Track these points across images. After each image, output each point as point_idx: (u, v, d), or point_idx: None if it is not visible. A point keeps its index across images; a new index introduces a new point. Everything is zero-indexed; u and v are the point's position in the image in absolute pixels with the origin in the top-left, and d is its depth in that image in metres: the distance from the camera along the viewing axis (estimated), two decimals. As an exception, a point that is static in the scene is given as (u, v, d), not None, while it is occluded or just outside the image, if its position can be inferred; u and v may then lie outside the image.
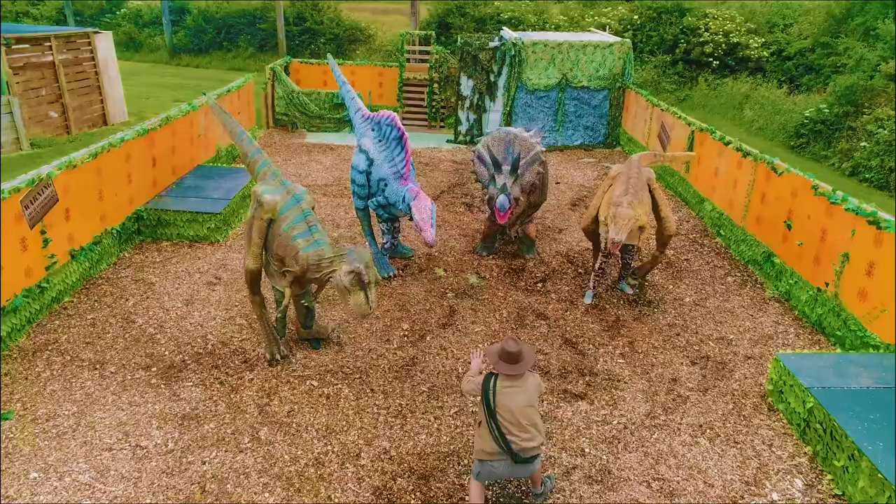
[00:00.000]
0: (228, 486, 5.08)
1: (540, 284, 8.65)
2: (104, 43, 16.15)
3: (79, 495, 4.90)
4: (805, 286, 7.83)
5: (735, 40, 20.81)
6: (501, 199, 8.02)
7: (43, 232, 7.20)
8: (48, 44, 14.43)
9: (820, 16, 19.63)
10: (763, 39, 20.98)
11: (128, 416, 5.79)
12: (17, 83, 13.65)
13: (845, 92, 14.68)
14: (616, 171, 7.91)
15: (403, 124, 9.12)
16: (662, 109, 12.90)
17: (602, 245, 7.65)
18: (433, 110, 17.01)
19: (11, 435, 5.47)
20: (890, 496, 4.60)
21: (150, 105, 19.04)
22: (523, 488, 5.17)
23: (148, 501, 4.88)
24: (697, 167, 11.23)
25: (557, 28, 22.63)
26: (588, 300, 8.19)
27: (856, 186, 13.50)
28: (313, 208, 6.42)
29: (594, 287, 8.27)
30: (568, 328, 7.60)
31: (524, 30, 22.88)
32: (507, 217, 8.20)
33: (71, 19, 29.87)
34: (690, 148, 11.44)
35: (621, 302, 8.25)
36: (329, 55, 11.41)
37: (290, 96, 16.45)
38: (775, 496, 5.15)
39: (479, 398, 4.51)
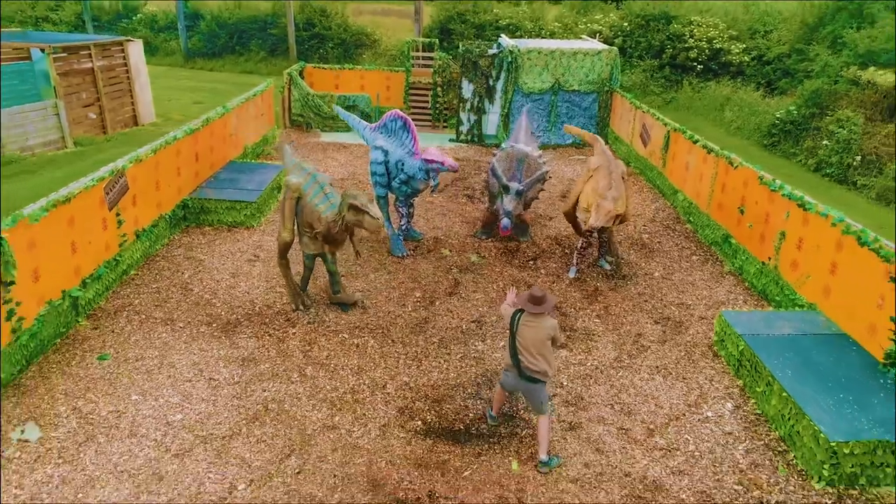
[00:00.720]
0: (285, 405, 6.55)
1: (531, 262, 10.12)
2: (135, 50, 17.63)
3: (173, 411, 6.38)
4: (753, 261, 9.31)
5: (718, 46, 22.30)
6: (505, 222, 9.37)
7: (118, 214, 8.67)
8: (88, 51, 15.90)
9: (796, 23, 21.11)
10: (744, 45, 22.47)
11: (199, 359, 7.26)
12: (62, 87, 15.11)
13: (811, 95, 16.16)
14: (596, 164, 9.36)
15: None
16: (644, 111, 14.37)
17: (583, 227, 9.14)
18: (437, 112, 18.48)
19: (111, 370, 6.94)
20: (791, 408, 6.07)
21: (172, 107, 20.53)
22: (515, 406, 6.65)
23: (225, 415, 6.36)
24: (672, 163, 12.71)
25: (552, 34, 24.11)
26: (572, 274, 9.66)
27: (819, 181, 14.97)
28: (331, 184, 8.03)
29: (577, 264, 9.74)
30: (554, 296, 9.06)
31: (521, 36, 24.39)
32: (509, 233, 9.65)
33: (89, 24, 31.35)
34: (666, 145, 12.92)
35: (600, 276, 9.72)
36: (336, 106, 12.94)
37: (306, 99, 17.92)
38: (709, 414, 6.63)
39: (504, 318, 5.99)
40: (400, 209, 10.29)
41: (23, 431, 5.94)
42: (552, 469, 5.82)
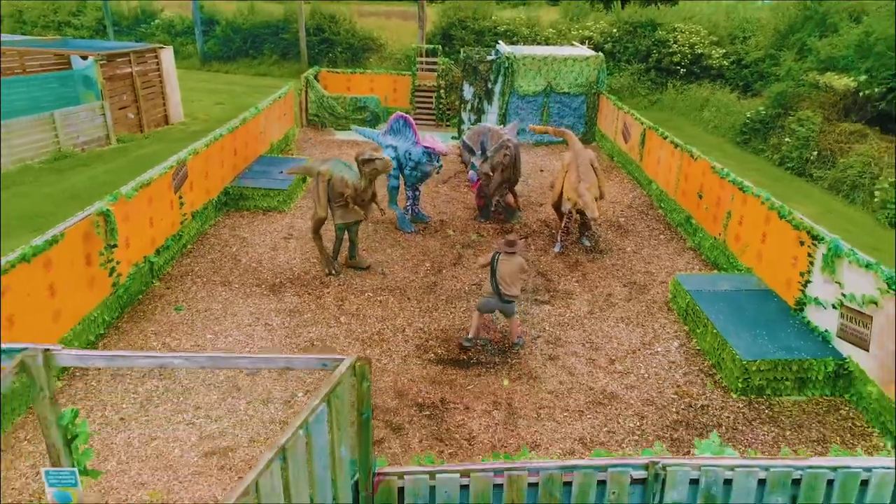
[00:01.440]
0: (327, 342, 8.37)
1: (523, 240, 11.93)
2: (167, 56, 19.44)
3: (241, 344, 8.20)
4: (708, 237, 11.13)
5: (699, 51, 24.13)
6: (471, 174, 11.55)
7: (180, 198, 10.48)
8: (127, 58, 17.71)
9: (770, 30, 22.93)
10: (724, 50, 24.29)
11: (255, 310, 9.08)
12: (106, 91, 16.92)
13: (777, 97, 17.97)
14: (568, 160, 11.18)
15: (416, 124, 12.43)
16: (625, 112, 16.18)
17: (566, 212, 10.97)
18: (440, 112, 20.30)
19: (187, 318, 8.76)
20: (720, 341, 7.88)
21: (196, 107, 22.31)
22: (508, 343, 8.46)
23: (281, 349, 8.18)
24: (647, 157, 14.52)
25: (547, 40, 25.94)
26: (557, 249, 11.47)
27: (782, 173, 16.80)
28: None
29: (560, 241, 11.55)
30: (541, 266, 10.89)
31: (518, 41, 26.22)
32: (476, 186, 11.63)
33: (110, 29, 33.13)
34: (643, 142, 14.74)
35: (581, 251, 11.53)
36: (354, 126, 14.79)
37: (321, 100, 19.74)
38: (659, 349, 8.45)
39: (485, 262, 7.92)
40: (408, 192, 12.14)
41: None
42: (522, 347, 8.09)
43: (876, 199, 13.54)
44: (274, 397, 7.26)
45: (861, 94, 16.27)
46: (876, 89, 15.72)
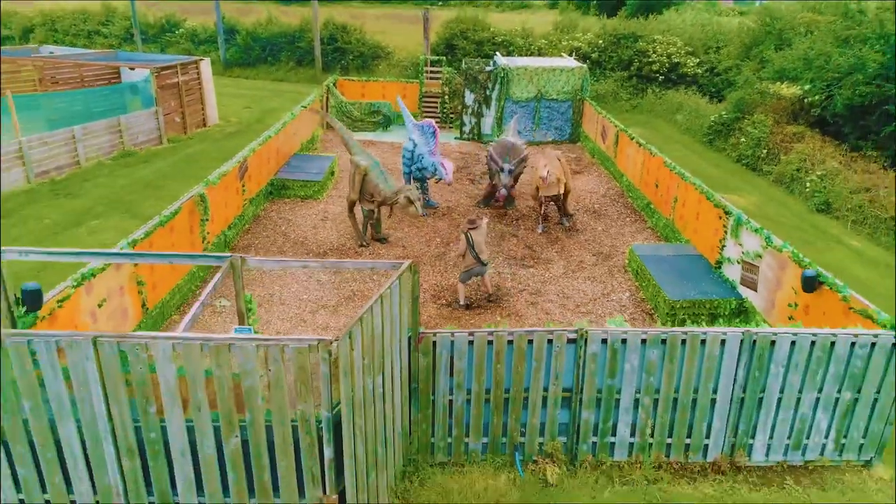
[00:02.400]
0: (363, 294, 11.17)
1: (515, 222, 14.71)
2: (205, 66, 22.22)
3: (300, 294, 10.99)
4: (662, 218, 13.92)
5: (676, 60, 26.93)
6: (502, 191, 14.02)
7: (243, 186, 13.27)
8: (175, 69, 20.49)
9: (738, 42, 25.74)
10: (698, 59, 27.10)
11: (307, 272, 11.86)
12: (159, 97, 19.71)
13: (737, 103, 20.78)
14: (543, 163, 13.93)
15: (425, 119, 15.15)
16: (604, 116, 18.97)
17: (541, 200, 13.77)
18: (444, 115, 23.08)
19: (256, 276, 11.55)
20: (658, 290, 10.66)
21: (228, 111, 25.09)
22: (497, 295, 11.23)
23: (330, 297, 10.96)
24: (620, 154, 17.30)
25: (540, 49, 28.73)
26: (540, 230, 14.25)
27: (739, 168, 19.58)
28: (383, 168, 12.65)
29: (542, 223, 14.32)
30: (528, 241, 13.67)
31: (513, 49, 29.01)
32: (503, 199, 14.26)
33: (138, 38, 35.88)
34: (616, 142, 17.53)
35: (561, 230, 14.32)
36: (398, 97, 17.34)
37: (340, 105, 22.53)
38: (614, 297, 11.25)
39: (462, 246, 10.60)
40: (417, 185, 14.92)
41: (220, 301, 10.54)
42: (494, 299, 10.84)
43: (808, 189, 16.34)
44: (331, 327, 10.05)
45: (805, 101, 19.07)
46: (816, 97, 18.52)
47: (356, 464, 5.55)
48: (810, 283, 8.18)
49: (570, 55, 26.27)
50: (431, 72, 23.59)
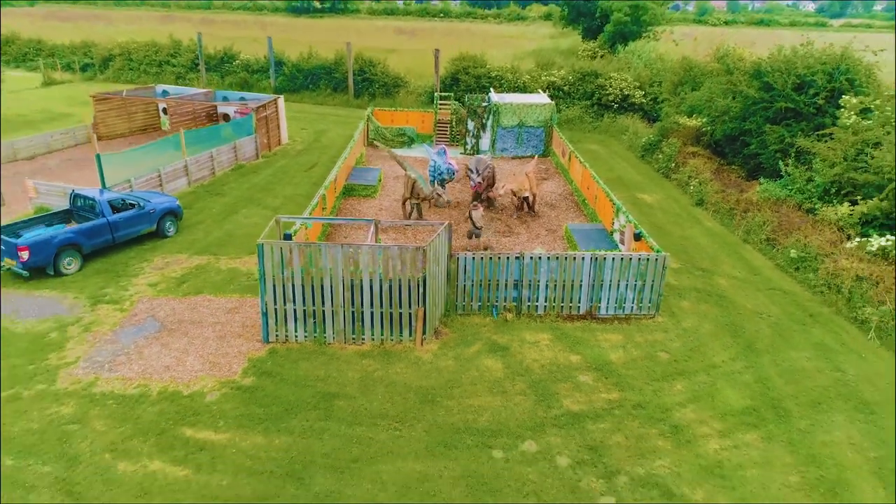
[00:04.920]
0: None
1: (499, 212, 23.39)
2: (280, 102, 30.90)
3: (391, 238, 19.72)
4: (589, 208, 22.61)
5: (627, 93, 35.59)
6: (472, 182, 22.75)
7: (334, 188, 21.95)
8: (265, 105, 29.16)
9: (671, 81, 34.41)
10: (644, 92, 35.78)
11: (382, 231, 20.54)
12: (256, 126, 28.36)
13: (660, 129, 29.46)
14: (519, 173, 22.63)
15: (437, 143, 23.74)
16: (563, 140, 27.65)
17: (514, 199, 22.49)
18: (452, 136, 31.80)
19: (363, 233, 20.25)
20: (577, 246, 19.31)
21: (291, 132, 33.69)
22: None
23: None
24: (571, 167, 25.94)
25: (525, 84, 37.42)
26: (514, 216, 22.91)
27: (658, 176, 28.24)
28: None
29: (516, 212, 22.97)
30: (507, 223, 22.34)
31: (504, 83, 37.70)
32: (475, 189, 22.99)
33: (203, 68, 44.53)
34: (569, 158, 26.22)
35: (529, 217, 22.98)
36: (425, 145, 26.09)
37: (377, 129, 31.24)
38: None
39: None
40: (438, 188, 23.71)
41: (292, 231, 19.22)
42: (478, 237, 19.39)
43: (692, 189, 25.02)
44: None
45: (702, 129, 27.77)
46: (708, 128, 27.21)
47: (429, 297, 14.20)
48: (637, 237, 16.84)
49: (547, 88, 34.91)
50: (442, 104, 32.27)
